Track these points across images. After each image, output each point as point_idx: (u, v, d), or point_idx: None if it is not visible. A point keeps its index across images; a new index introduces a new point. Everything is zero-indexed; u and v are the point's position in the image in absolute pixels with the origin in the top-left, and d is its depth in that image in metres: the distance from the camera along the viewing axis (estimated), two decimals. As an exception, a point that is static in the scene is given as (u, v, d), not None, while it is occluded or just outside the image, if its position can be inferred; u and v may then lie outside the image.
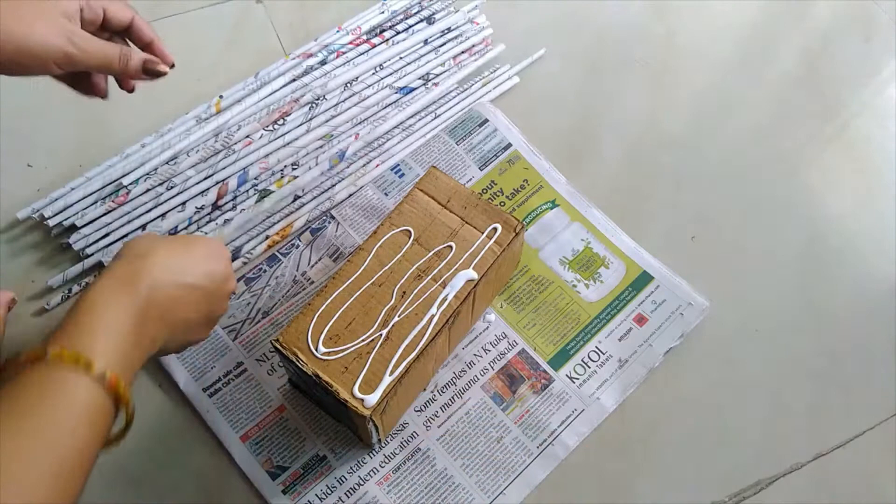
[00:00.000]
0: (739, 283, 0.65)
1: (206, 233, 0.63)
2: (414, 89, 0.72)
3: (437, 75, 0.73)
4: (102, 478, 0.54)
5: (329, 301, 0.50)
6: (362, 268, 0.52)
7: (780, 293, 0.65)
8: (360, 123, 0.70)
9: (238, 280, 0.62)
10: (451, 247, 0.53)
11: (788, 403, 0.60)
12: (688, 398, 0.60)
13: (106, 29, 0.47)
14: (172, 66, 0.48)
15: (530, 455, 0.56)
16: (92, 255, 0.62)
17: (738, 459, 0.58)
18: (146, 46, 0.49)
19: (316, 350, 0.48)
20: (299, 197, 0.66)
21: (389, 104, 0.71)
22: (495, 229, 0.54)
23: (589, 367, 0.59)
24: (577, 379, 0.59)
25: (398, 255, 0.52)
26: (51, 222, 0.63)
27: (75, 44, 0.42)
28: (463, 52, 0.75)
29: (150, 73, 0.47)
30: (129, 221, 0.63)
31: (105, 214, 0.63)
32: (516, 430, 0.57)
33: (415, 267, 0.52)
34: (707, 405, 0.59)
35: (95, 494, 0.53)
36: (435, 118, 0.71)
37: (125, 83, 0.49)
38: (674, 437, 0.58)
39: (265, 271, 0.62)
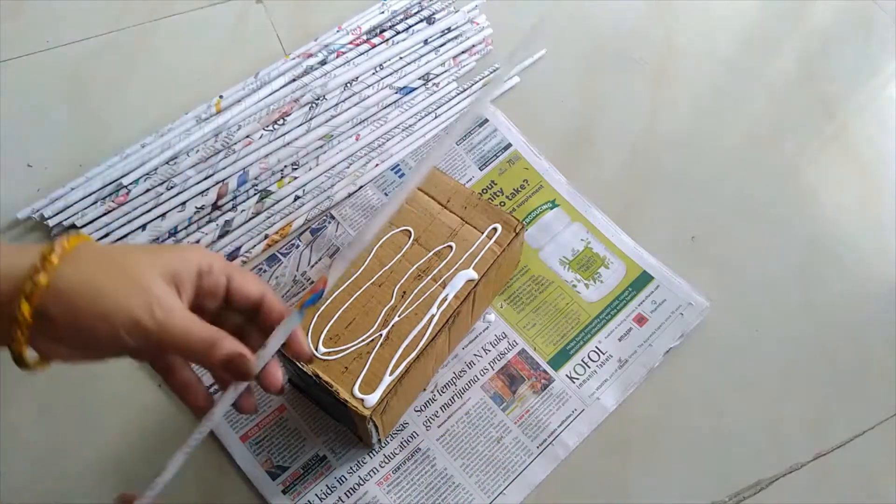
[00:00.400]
0: (739, 283, 0.65)
1: (205, 233, 0.63)
2: (414, 89, 0.72)
3: (438, 75, 0.73)
4: (101, 478, 0.54)
5: (329, 301, 0.50)
6: (362, 268, 0.52)
7: (780, 293, 0.65)
8: (360, 123, 0.70)
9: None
10: (451, 247, 0.53)
11: (788, 403, 0.60)
12: (688, 398, 0.60)
13: (230, 305, 0.37)
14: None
15: (530, 455, 0.56)
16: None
17: (738, 459, 0.58)
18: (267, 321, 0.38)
19: (316, 350, 0.48)
20: (300, 197, 0.66)
21: (389, 104, 0.71)
22: (495, 229, 0.54)
23: (589, 367, 0.59)
24: (577, 379, 0.59)
25: (398, 255, 0.52)
26: (51, 222, 0.63)
27: (154, 315, 0.32)
28: (463, 53, 0.75)
29: (235, 374, 0.35)
30: (128, 221, 0.63)
31: (105, 214, 0.63)
32: (516, 430, 0.57)
33: (415, 267, 0.52)
34: (707, 405, 0.59)
35: (93, 494, 0.53)
36: (435, 118, 0.71)
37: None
38: (674, 437, 0.58)
39: (265, 271, 0.62)
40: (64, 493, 0.53)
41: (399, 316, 0.50)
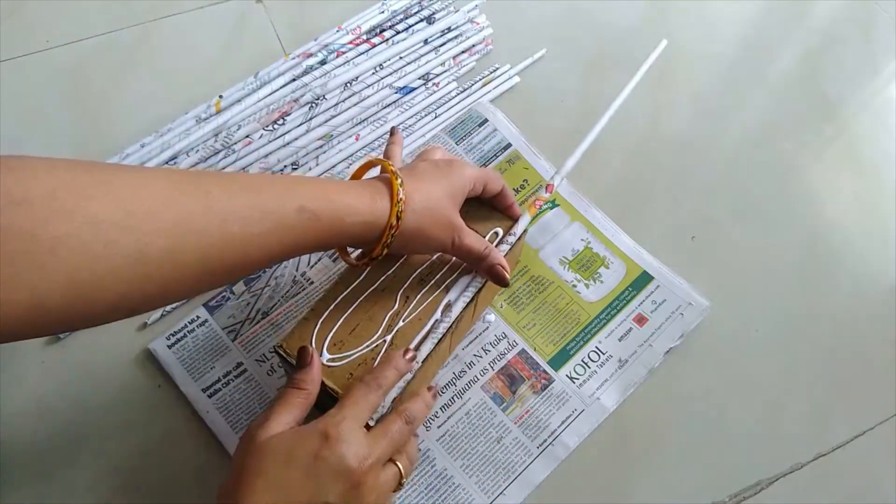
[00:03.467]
0: (739, 283, 0.65)
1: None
2: (414, 89, 0.72)
3: (437, 75, 0.73)
4: (101, 478, 0.54)
5: (332, 307, 0.50)
6: (364, 273, 0.51)
7: (780, 293, 0.65)
8: (359, 123, 0.70)
9: (238, 280, 0.62)
10: None
11: (789, 403, 0.60)
12: (688, 398, 0.60)
13: (482, 196, 0.53)
14: (506, 284, 0.52)
15: (530, 455, 0.56)
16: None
17: (738, 459, 0.58)
18: (507, 208, 0.54)
19: (320, 356, 0.48)
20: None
21: (389, 104, 0.71)
22: (497, 233, 0.54)
23: (589, 368, 0.59)
24: (578, 379, 0.59)
25: (400, 260, 0.52)
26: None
27: (455, 240, 0.48)
28: (463, 52, 0.75)
29: (494, 277, 0.51)
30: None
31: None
32: (516, 430, 0.57)
33: (417, 272, 0.52)
34: (707, 405, 0.59)
35: (93, 494, 0.53)
36: (435, 118, 0.71)
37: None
38: (674, 437, 0.58)
39: (265, 271, 0.62)
40: (64, 493, 0.53)
41: (403, 321, 0.50)
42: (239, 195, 0.39)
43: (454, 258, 0.52)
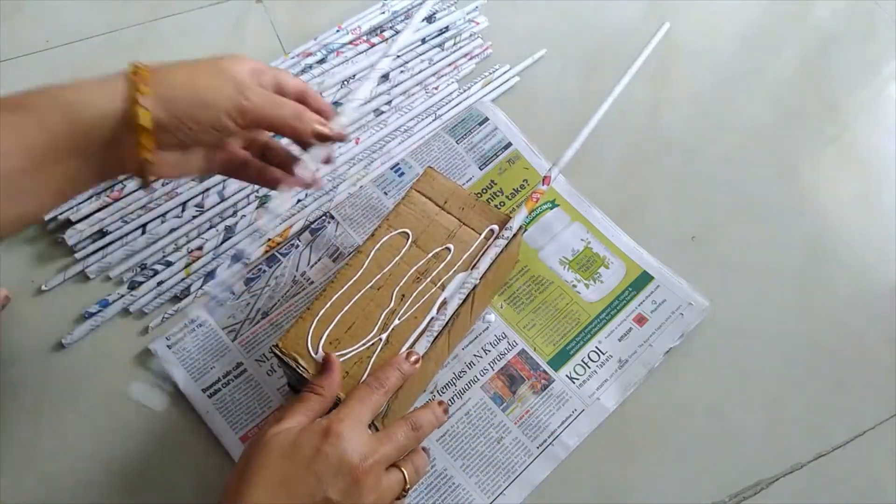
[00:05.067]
0: (739, 283, 0.65)
1: (206, 239, 0.63)
2: (414, 90, 0.72)
3: (438, 76, 0.73)
4: (101, 478, 0.54)
5: (328, 305, 0.50)
6: (361, 271, 0.51)
7: (780, 293, 0.65)
8: (360, 128, 0.70)
9: (237, 280, 0.62)
10: (448, 249, 0.53)
11: (789, 403, 0.60)
12: (688, 398, 0.60)
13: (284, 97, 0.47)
14: (342, 139, 0.47)
15: (530, 455, 0.56)
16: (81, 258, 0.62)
17: (738, 459, 0.58)
18: (321, 114, 0.48)
19: (316, 355, 0.48)
20: (301, 200, 0.66)
21: (387, 102, 0.71)
22: (493, 231, 0.54)
23: (589, 368, 0.59)
24: (577, 379, 0.59)
25: (396, 258, 0.52)
26: (45, 216, 0.62)
27: (249, 98, 0.42)
28: (462, 57, 0.75)
29: (321, 137, 0.46)
30: (126, 223, 0.63)
31: (100, 210, 0.63)
32: (516, 430, 0.57)
33: (413, 269, 0.52)
34: (707, 405, 0.59)
35: (93, 494, 0.53)
36: (435, 119, 0.71)
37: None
38: (674, 437, 0.58)
39: (264, 272, 0.62)
40: (64, 492, 0.53)
41: (399, 319, 0.50)
42: None
43: (449, 257, 0.52)
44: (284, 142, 0.50)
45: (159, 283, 0.61)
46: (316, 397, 0.44)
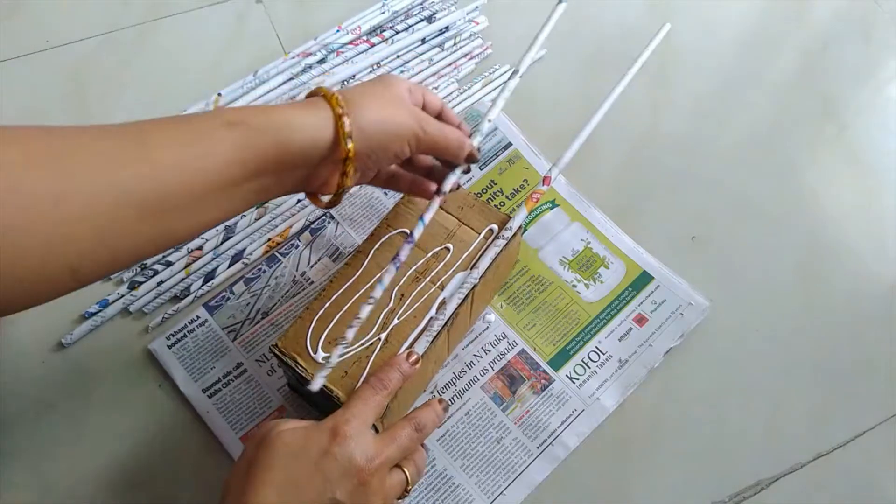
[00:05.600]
0: (739, 283, 0.65)
1: (206, 239, 0.63)
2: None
3: (437, 74, 0.73)
4: (101, 478, 0.54)
5: (327, 305, 0.50)
6: (360, 271, 0.51)
7: (780, 293, 0.65)
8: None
9: (237, 281, 0.62)
10: (448, 248, 0.53)
11: (788, 403, 0.60)
12: (688, 398, 0.60)
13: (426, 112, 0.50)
14: (475, 160, 0.51)
15: (530, 455, 0.56)
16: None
17: (738, 459, 0.58)
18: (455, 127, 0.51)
19: (315, 355, 0.48)
20: (301, 199, 0.66)
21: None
22: (492, 230, 0.54)
23: (589, 368, 0.59)
24: (577, 379, 0.59)
25: (391, 257, 0.52)
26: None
27: (423, 127, 0.45)
28: (462, 58, 0.75)
29: (471, 160, 0.50)
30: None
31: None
32: (516, 430, 0.57)
33: (412, 269, 0.52)
34: (707, 405, 0.59)
35: (92, 494, 0.53)
36: (435, 118, 0.71)
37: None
38: (674, 437, 0.58)
39: (265, 272, 0.62)
40: (64, 493, 0.53)
41: (398, 319, 0.50)
42: (162, 126, 0.38)
43: (448, 256, 0.52)
44: None
45: (159, 283, 0.61)
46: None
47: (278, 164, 0.40)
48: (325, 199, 0.46)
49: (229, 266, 0.62)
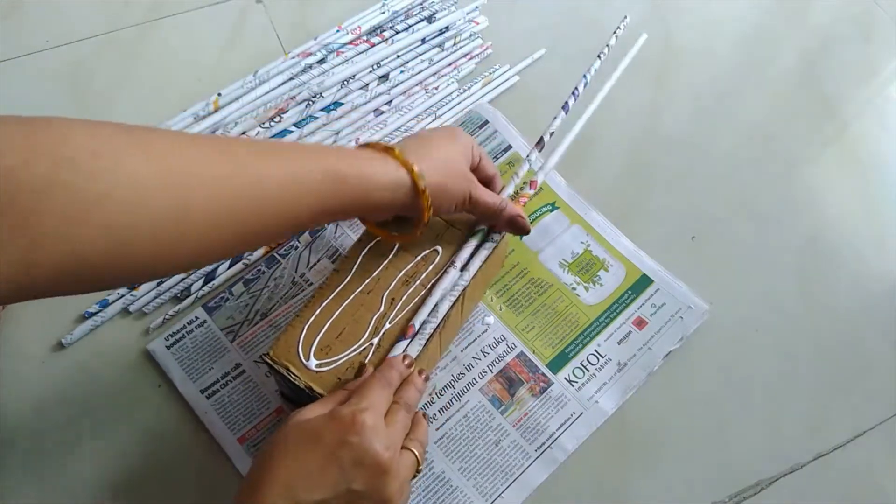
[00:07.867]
0: (739, 284, 0.65)
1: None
2: (413, 91, 0.72)
3: (437, 74, 0.73)
4: (100, 478, 0.54)
5: (318, 312, 0.50)
6: (349, 277, 0.51)
7: (779, 293, 0.65)
8: (359, 129, 0.70)
9: (237, 282, 0.62)
10: (437, 251, 0.53)
11: (788, 404, 0.60)
12: (687, 401, 0.60)
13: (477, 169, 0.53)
14: (527, 232, 0.54)
15: (529, 458, 0.56)
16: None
17: (738, 459, 0.58)
18: (489, 184, 0.55)
19: (307, 362, 0.48)
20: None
21: (387, 102, 0.71)
22: (481, 231, 0.53)
23: (588, 371, 0.59)
24: (576, 382, 0.59)
25: (384, 262, 0.52)
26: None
27: (472, 192, 0.50)
28: (462, 58, 0.75)
29: (516, 228, 0.53)
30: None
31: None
32: (515, 433, 0.57)
33: (402, 273, 0.51)
34: (707, 407, 0.59)
35: (92, 495, 0.53)
36: (435, 119, 0.71)
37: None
38: (673, 440, 0.58)
39: (264, 273, 0.62)
40: (63, 493, 0.53)
41: (389, 323, 0.50)
42: (268, 159, 0.40)
43: (437, 259, 0.52)
44: None
45: (159, 283, 0.61)
46: (343, 392, 0.45)
47: (353, 209, 0.45)
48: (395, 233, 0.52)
49: (230, 267, 0.62)
